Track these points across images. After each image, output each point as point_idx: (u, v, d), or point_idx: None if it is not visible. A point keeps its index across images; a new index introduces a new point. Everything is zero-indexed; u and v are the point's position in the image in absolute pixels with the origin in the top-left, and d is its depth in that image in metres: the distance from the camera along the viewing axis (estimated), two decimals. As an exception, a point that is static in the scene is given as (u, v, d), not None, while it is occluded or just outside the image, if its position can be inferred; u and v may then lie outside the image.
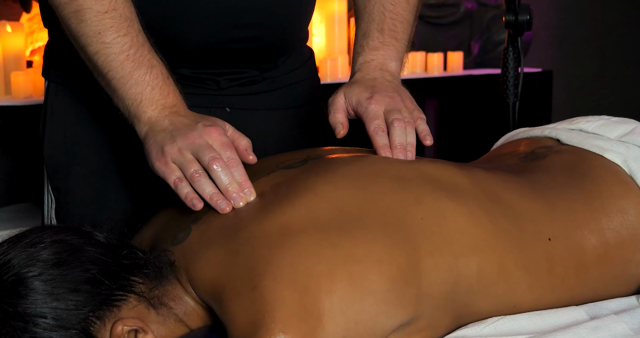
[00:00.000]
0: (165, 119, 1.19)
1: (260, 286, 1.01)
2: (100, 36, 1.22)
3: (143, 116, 1.20)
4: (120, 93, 1.22)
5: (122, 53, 1.22)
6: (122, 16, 1.23)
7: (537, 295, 1.19)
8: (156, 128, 1.19)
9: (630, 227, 1.26)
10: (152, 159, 1.17)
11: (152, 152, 1.17)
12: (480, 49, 3.05)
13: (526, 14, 2.03)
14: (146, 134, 1.19)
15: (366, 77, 1.35)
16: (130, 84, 1.21)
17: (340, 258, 1.04)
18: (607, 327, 1.16)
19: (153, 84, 1.21)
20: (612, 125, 1.38)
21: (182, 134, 1.16)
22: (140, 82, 1.21)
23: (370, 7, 1.42)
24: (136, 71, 1.21)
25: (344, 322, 1.01)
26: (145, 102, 1.20)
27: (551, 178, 1.29)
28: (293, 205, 1.09)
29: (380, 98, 1.29)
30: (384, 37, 1.39)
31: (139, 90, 1.21)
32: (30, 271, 1.01)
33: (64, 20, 1.24)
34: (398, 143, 1.24)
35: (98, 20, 1.22)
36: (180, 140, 1.15)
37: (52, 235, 1.06)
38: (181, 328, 1.11)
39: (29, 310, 1.00)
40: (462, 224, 1.14)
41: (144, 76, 1.21)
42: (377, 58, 1.38)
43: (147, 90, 1.21)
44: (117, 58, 1.22)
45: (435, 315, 1.11)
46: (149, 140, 1.18)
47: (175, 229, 1.16)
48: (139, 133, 1.21)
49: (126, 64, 1.22)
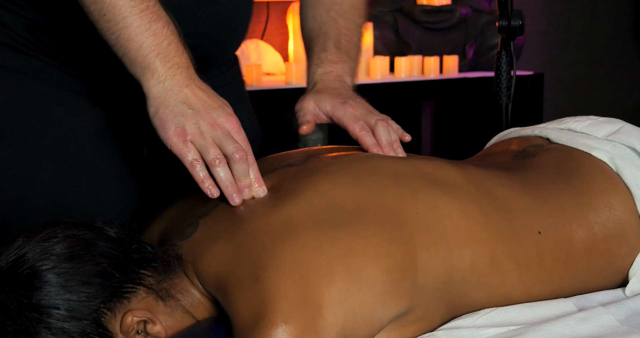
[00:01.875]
0: (184, 87, 1.13)
1: (263, 278, 1.01)
2: None
3: (159, 71, 1.13)
4: (135, 43, 1.13)
5: (143, 2, 1.14)
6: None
7: (527, 287, 1.19)
8: (173, 95, 1.12)
9: (616, 221, 1.26)
10: (167, 131, 1.11)
11: (169, 123, 1.11)
12: (474, 53, 3.05)
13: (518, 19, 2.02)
14: (160, 95, 1.13)
15: (330, 86, 1.35)
16: (148, 35, 1.13)
17: (339, 251, 1.04)
18: (594, 318, 1.16)
19: (170, 39, 1.14)
20: (600, 125, 1.38)
21: (206, 116, 1.12)
22: (158, 34, 1.13)
23: (326, 29, 1.42)
24: (155, 22, 1.14)
25: (342, 312, 1.01)
26: (162, 56, 1.13)
27: (541, 175, 1.29)
28: (296, 201, 1.10)
29: (354, 103, 1.31)
30: (340, 54, 1.40)
31: (156, 42, 1.13)
32: (44, 265, 1.01)
33: None
34: (385, 141, 1.26)
35: None
36: (205, 123, 1.11)
37: (65, 230, 1.06)
38: (188, 319, 1.11)
39: (43, 301, 1.00)
40: (455, 218, 1.14)
41: (162, 29, 1.14)
42: (335, 70, 1.38)
43: (165, 44, 1.13)
44: (138, 6, 1.13)
45: (430, 306, 1.11)
46: (163, 106, 1.12)
47: (183, 224, 1.16)
48: (147, 87, 1.14)
49: (146, 13, 1.13)
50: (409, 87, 2.84)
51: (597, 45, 3.66)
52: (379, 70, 2.81)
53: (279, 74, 2.85)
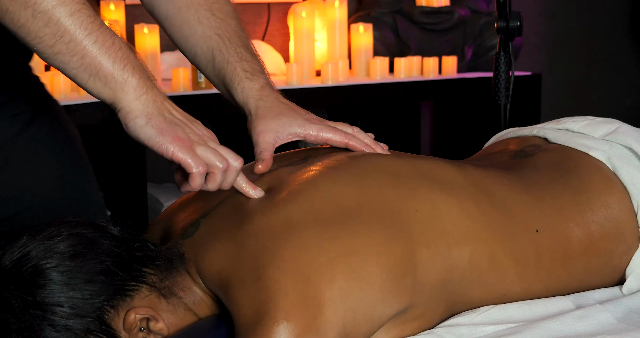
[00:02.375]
0: (164, 100, 1.05)
1: (264, 276, 1.01)
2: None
3: (139, 84, 1.03)
4: (107, 58, 1.01)
5: (97, 18, 1.03)
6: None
7: (525, 285, 1.19)
8: (160, 106, 1.04)
9: (613, 221, 1.26)
10: (166, 137, 1.04)
11: (167, 131, 1.04)
12: (473, 53, 3.05)
13: (517, 20, 2.03)
14: (145, 106, 1.04)
15: (278, 106, 1.22)
16: (115, 49, 1.02)
17: (340, 250, 1.04)
18: (592, 316, 1.16)
19: (130, 53, 1.04)
20: (597, 125, 1.38)
21: (193, 127, 1.06)
22: (123, 48, 1.03)
23: (226, 34, 1.24)
24: (113, 37, 1.04)
25: (343, 310, 1.01)
26: (137, 69, 1.04)
27: (539, 174, 1.29)
28: (296, 200, 1.09)
29: (313, 116, 1.23)
30: (257, 60, 1.25)
31: (125, 55, 1.03)
32: (48, 263, 1.01)
33: None
34: (370, 141, 1.24)
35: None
36: (196, 133, 1.06)
37: (69, 228, 1.06)
38: (190, 316, 1.11)
39: (47, 299, 1.00)
40: (454, 215, 1.15)
41: (119, 43, 1.04)
42: (267, 82, 1.24)
43: (132, 56, 1.04)
44: (96, 20, 1.03)
45: (430, 303, 1.11)
46: (155, 116, 1.04)
47: (185, 224, 1.16)
48: (127, 101, 1.04)
49: (105, 28, 1.03)
50: (409, 88, 2.84)
51: (594, 46, 3.66)
52: (379, 71, 2.81)
53: (280, 74, 2.86)
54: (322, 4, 2.92)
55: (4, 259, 1.02)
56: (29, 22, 1.00)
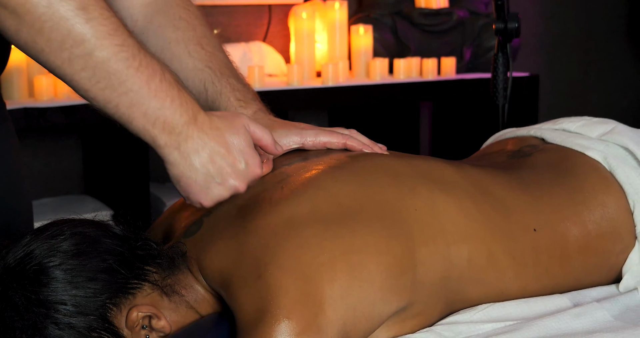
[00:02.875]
0: (200, 151, 1.01)
1: (265, 275, 1.01)
2: (112, 37, 0.96)
3: (171, 139, 1.01)
4: (139, 109, 0.99)
5: (135, 58, 0.98)
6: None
7: (523, 283, 1.19)
8: (192, 163, 1.02)
9: (610, 220, 1.27)
10: (193, 199, 1.04)
11: (195, 195, 1.04)
12: (471, 54, 3.05)
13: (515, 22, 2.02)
14: (177, 163, 1.02)
15: (271, 122, 1.22)
16: (149, 97, 0.98)
17: (341, 248, 1.04)
18: (589, 314, 1.16)
19: (172, 94, 1.00)
20: (593, 125, 1.38)
21: (231, 181, 1.04)
22: (159, 93, 0.99)
23: (217, 67, 1.24)
24: (152, 79, 0.98)
25: (344, 308, 1.01)
26: (169, 121, 1.00)
27: (537, 174, 1.29)
28: (298, 199, 1.09)
29: (311, 126, 1.24)
30: (249, 88, 1.25)
31: (159, 103, 0.99)
32: (52, 261, 1.01)
33: (60, 20, 0.94)
34: (367, 141, 1.24)
35: (105, 18, 0.96)
36: (231, 187, 1.05)
37: (72, 227, 1.06)
38: (192, 314, 1.11)
39: (50, 297, 1.00)
40: (453, 214, 1.14)
41: (160, 84, 0.99)
42: (261, 106, 1.24)
43: (168, 102, 0.99)
44: (132, 64, 0.97)
45: (429, 301, 1.11)
46: (185, 177, 1.02)
47: (187, 222, 1.16)
48: (162, 154, 1.02)
49: (141, 70, 0.98)
50: (408, 88, 2.84)
51: (592, 48, 3.66)
52: (379, 71, 2.81)
53: (280, 75, 2.86)
54: (322, 5, 2.92)
55: (7, 258, 1.02)
56: (65, 65, 0.96)
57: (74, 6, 0.94)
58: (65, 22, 0.94)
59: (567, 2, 3.59)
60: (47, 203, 2.63)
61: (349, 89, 2.74)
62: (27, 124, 2.28)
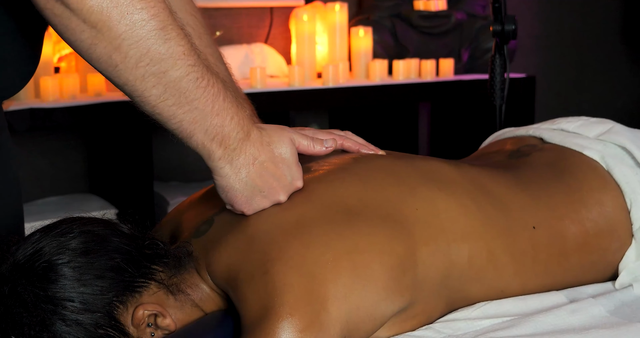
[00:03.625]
0: (250, 165, 1.06)
1: (271, 271, 1.01)
2: (186, 58, 0.99)
3: (226, 154, 1.04)
4: (201, 126, 1.02)
5: (204, 77, 1.01)
6: (191, 30, 1.07)
7: (523, 280, 1.19)
8: (242, 177, 1.06)
9: (607, 218, 1.27)
10: (237, 208, 1.09)
11: (241, 205, 1.08)
12: (469, 56, 3.05)
13: (512, 24, 2.03)
14: (228, 176, 1.06)
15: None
16: (212, 115, 1.02)
17: (345, 248, 1.04)
18: (585, 310, 1.16)
19: (232, 112, 1.03)
20: (591, 125, 1.38)
21: (275, 194, 1.09)
22: (221, 112, 1.02)
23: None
24: (216, 98, 1.02)
25: (346, 307, 1.01)
26: (227, 139, 1.04)
27: (535, 173, 1.29)
28: (309, 198, 1.10)
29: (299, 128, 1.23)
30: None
31: (220, 121, 1.02)
32: (60, 259, 1.02)
33: (140, 40, 0.96)
34: (363, 142, 1.25)
35: (181, 38, 0.99)
36: (275, 199, 1.09)
37: (81, 225, 1.06)
38: (197, 312, 1.11)
39: (59, 294, 1.00)
40: (453, 213, 1.14)
41: (223, 102, 1.02)
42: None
43: (227, 120, 1.03)
44: (201, 84, 1.00)
45: (430, 301, 1.11)
46: (233, 190, 1.06)
47: (197, 222, 1.16)
48: (214, 167, 1.06)
49: (208, 90, 1.01)
50: (407, 89, 2.83)
51: (586, 49, 3.66)
52: (378, 72, 2.81)
53: (282, 76, 2.86)
54: (323, 8, 2.92)
55: (17, 254, 1.02)
56: (138, 82, 0.98)
57: (154, 26, 0.96)
58: (145, 41, 0.96)
59: (563, 5, 3.59)
60: (53, 202, 2.64)
61: (349, 89, 2.73)
62: (33, 125, 2.28)
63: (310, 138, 1.14)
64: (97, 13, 0.94)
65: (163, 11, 0.97)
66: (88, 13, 0.94)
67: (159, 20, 0.96)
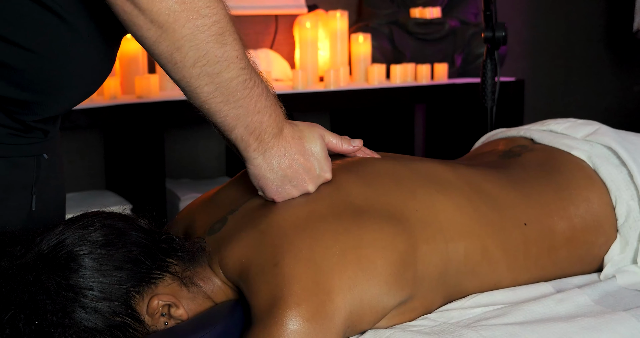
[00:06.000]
0: (281, 157, 1.08)
1: (281, 263, 1.02)
2: (239, 61, 1.02)
3: (261, 147, 1.07)
4: (242, 122, 1.05)
5: (251, 79, 1.04)
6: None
7: (515, 274, 1.19)
8: (273, 166, 1.09)
9: (594, 214, 1.27)
10: (268, 195, 1.11)
11: (271, 192, 1.10)
12: (462, 61, 3.05)
13: (502, 31, 2.03)
14: (260, 165, 1.08)
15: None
16: (254, 113, 1.05)
17: (352, 243, 1.04)
18: (571, 299, 1.17)
19: (271, 110, 1.07)
20: (578, 126, 1.38)
21: (303, 183, 1.11)
22: (262, 111, 1.05)
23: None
24: (259, 98, 1.05)
25: (350, 298, 1.01)
26: (263, 134, 1.07)
27: (526, 172, 1.29)
28: (320, 196, 1.11)
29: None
30: None
31: (259, 119, 1.06)
32: (82, 250, 1.02)
33: (200, 43, 0.99)
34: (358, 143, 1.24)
35: (237, 43, 1.02)
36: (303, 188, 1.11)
37: (101, 219, 1.06)
38: (209, 303, 1.11)
39: (79, 283, 1.00)
40: (450, 213, 1.15)
41: (264, 101, 1.06)
42: None
43: (265, 117, 1.06)
44: (248, 85, 1.03)
45: (429, 295, 1.11)
46: (264, 178, 1.09)
47: (211, 221, 1.16)
48: (248, 158, 1.08)
49: (253, 91, 1.04)
50: (403, 92, 2.84)
51: (572, 54, 3.66)
52: (377, 76, 2.81)
53: (286, 80, 2.86)
54: (325, 15, 2.92)
55: (41, 245, 1.02)
56: (193, 79, 1.01)
57: (215, 32, 0.99)
58: (205, 45, 0.99)
59: (550, 12, 3.59)
60: (72, 198, 2.64)
61: (349, 92, 2.74)
62: (53, 125, 2.27)
63: (339, 137, 1.17)
64: (165, 15, 0.97)
65: (224, 18, 1.00)
66: (157, 14, 0.96)
67: (220, 27, 0.99)
